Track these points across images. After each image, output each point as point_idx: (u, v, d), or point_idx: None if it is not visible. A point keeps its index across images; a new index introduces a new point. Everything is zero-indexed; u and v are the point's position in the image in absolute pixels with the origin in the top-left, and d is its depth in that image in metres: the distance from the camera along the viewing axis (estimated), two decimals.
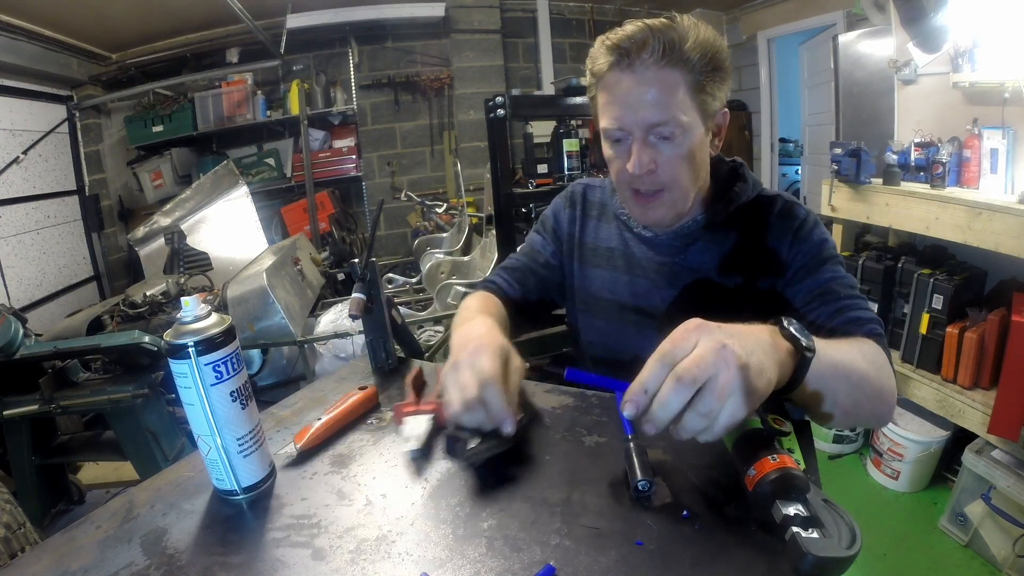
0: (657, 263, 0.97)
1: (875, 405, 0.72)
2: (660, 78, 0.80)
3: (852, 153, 2.44)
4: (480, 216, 3.93)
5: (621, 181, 0.89)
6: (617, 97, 0.83)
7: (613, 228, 1.03)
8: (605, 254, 1.03)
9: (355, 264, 0.89)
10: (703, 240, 0.94)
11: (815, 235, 0.88)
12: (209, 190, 3.71)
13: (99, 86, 4.23)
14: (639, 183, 0.86)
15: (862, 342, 0.75)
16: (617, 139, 0.86)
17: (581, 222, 1.07)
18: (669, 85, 0.80)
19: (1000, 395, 1.85)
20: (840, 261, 0.88)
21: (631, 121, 0.82)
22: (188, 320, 0.58)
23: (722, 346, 0.51)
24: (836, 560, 0.43)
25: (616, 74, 0.82)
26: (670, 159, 0.83)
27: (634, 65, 0.80)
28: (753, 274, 0.91)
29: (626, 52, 0.80)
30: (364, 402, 0.79)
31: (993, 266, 2.17)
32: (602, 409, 0.76)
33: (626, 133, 0.84)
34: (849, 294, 0.84)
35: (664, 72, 0.80)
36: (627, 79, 0.81)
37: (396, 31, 4.67)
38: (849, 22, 3.76)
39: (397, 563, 0.51)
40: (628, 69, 0.81)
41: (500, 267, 1.11)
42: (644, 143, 0.82)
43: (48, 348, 2.01)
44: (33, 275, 3.46)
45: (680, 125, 0.80)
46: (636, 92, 0.81)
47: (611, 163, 0.90)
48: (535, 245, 1.10)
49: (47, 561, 0.54)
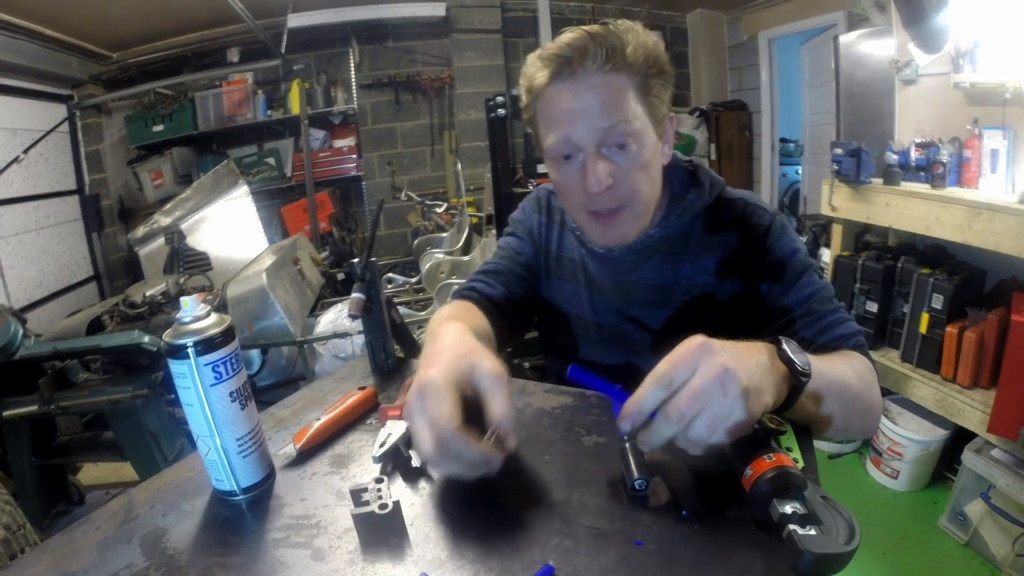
0: (612, 281, 0.92)
1: (864, 420, 0.73)
2: (606, 83, 0.75)
3: (852, 153, 2.44)
4: (480, 216, 3.94)
5: (575, 205, 0.83)
6: (562, 110, 0.77)
7: (573, 240, 0.98)
8: (568, 265, 0.98)
9: (355, 264, 0.89)
10: (659, 254, 0.89)
11: (785, 246, 0.84)
12: (209, 190, 3.71)
13: (99, 85, 4.23)
14: (597, 203, 0.80)
15: (852, 357, 0.75)
16: (567, 156, 0.79)
17: (547, 229, 1.01)
18: (616, 90, 0.75)
19: (999, 394, 1.85)
20: (814, 269, 0.85)
21: (582, 133, 0.76)
22: (187, 320, 0.58)
23: (723, 370, 0.51)
24: (834, 556, 0.43)
25: (557, 86, 0.77)
26: (627, 171, 0.78)
27: (577, 74, 0.75)
28: (716, 288, 0.87)
29: (567, 61, 0.75)
30: (364, 402, 0.79)
31: (993, 266, 2.18)
32: (601, 409, 0.76)
33: (577, 148, 0.78)
34: (830, 308, 0.81)
35: (609, 77, 0.75)
36: (570, 89, 0.76)
37: (397, 31, 4.66)
38: (850, 22, 3.75)
39: (397, 563, 0.51)
40: (571, 79, 0.76)
41: (478, 271, 1.02)
42: (598, 156, 0.77)
43: (48, 348, 2.01)
44: (33, 275, 3.46)
45: (632, 132, 0.76)
46: (582, 100, 0.76)
47: (561, 188, 0.84)
48: (513, 247, 1.02)
49: (47, 562, 0.54)
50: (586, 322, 0.96)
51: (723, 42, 5.26)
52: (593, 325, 0.96)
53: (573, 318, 0.98)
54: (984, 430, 1.90)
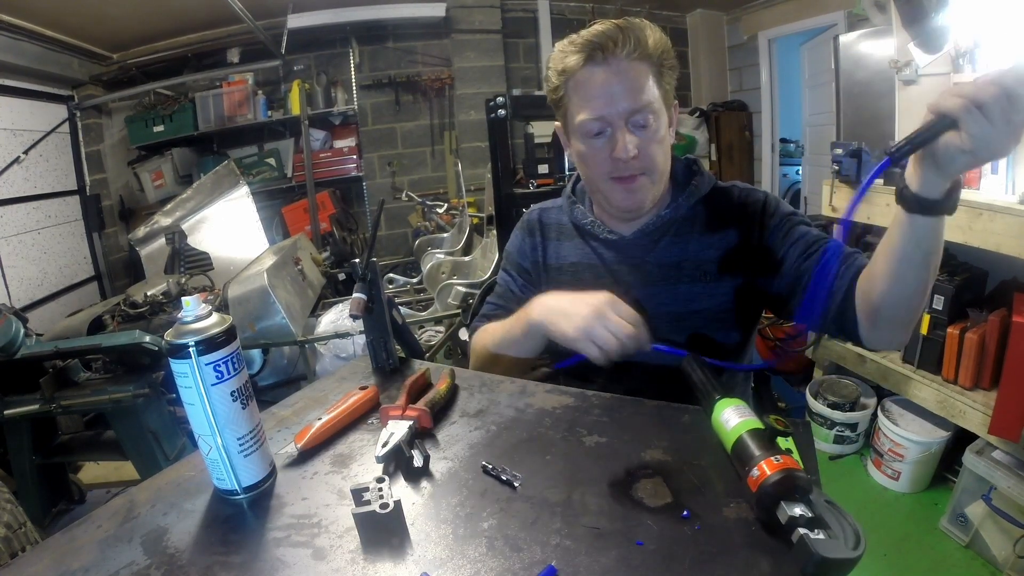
0: (629, 265, 0.99)
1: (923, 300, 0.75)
2: (633, 68, 0.86)
3: (853, 153, 2.44)
4: (481, 216, 3.94)
5: (601, 173, 0.92)
6: (594, 90, 0.87)
7: (576, 243, 1.04)
8: (570, 270, 1.04)
9: (356, 264, 0.89)
10: (670, 235, 0.97)
11: (780, 210, 0.94)
12: (210, 190, 3.71)
13: (100, 86, 4.23)
14: (622, 169, 0.89)
15: None
16: (597, 132, 0.89)
17: (543, 247, 1.08)
18: (641, 74, 0.86)
19: (1001, 396, 1.85)
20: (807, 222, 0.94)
21: (612, 111, 0.86)
22: (189, 320, 0.58)
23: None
24: (844, 561, 0.44)
25: (590, 69, 0.87)
26: (648, 143, 0.88)
27: (608, 59, 0.85)
28: (728, 262, 0.94)
29: (600, 47, 0.85)
30: (365, 402, 0.79)
31: (994, 267, 2.17)
32: (602, 409, 0.76)
33: (606, 124, 0.88)
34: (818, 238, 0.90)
35: (635, 64, 0.86)
36: (601, 73, 0.86)
37: (397, 31, 4.67)
38: (850, 22, 3.75)
39: (397, 563, 0.51)
40: (604, 63, 0.86)
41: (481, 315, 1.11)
42: (626, 130, 0.87)
43: (49, 348, 2.01)
44: (34, 275, 3.46)
45: (653, 111, 0.87)
46: (614, 83, 0.86)
47: (588, 159, 0.92)
48: (507, 286, 1.11)
49: (48, 560, 0.54)
50: None
51: (723, 42, 5.25)
52: None
53: None
54: (985, 431, 1.90)
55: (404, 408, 0.73)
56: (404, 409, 0.72)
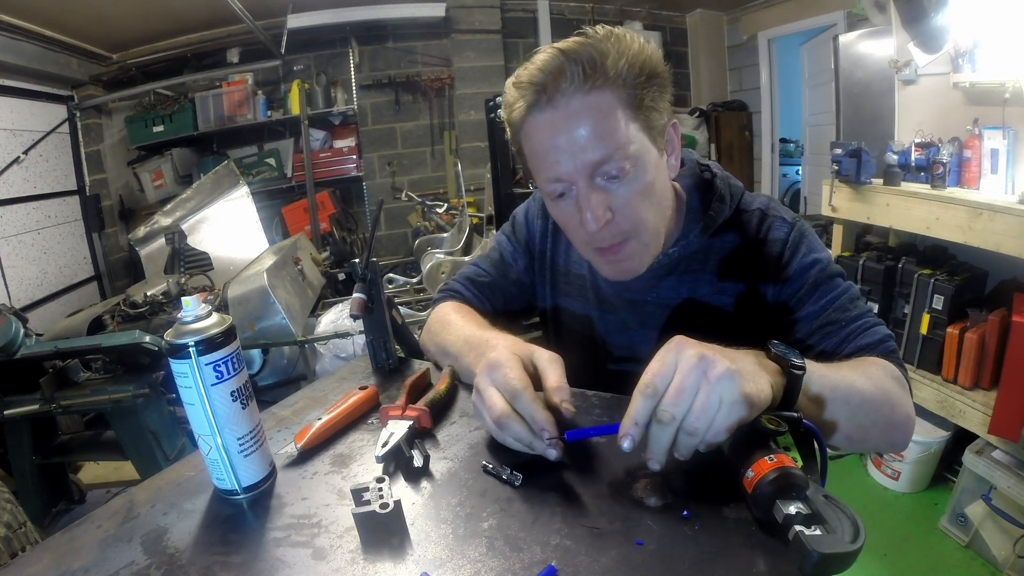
0: (627, 301, 0.86)
1: (886, 432, 0.67)
2: (589, 106, 0.66)
3: (853, 153, 2.44)
4: (481, 216, 3.94)
5: (580, 242, 0.77)
6: (544, 144, 0.69)
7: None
8: (576, 281, 0.92)
9: (356, 264, 0.89)
10: (676, 273, 0.83)
11: (803, 259, 0.77)
12: (210, 190, 3.71)
13: (100, 86, 4.24)
14: (599, 239, 0.72)
15: (870, 364, 0.69)
16: (560, 194, 0.72)
17: (553, 239, 0.94)
18: (602, 111, 0.66)
19: (1000, 395, 1.85)
20: (836, 274, 0.79)
21: (569, 168, 0.68)
22: (189, 320, 0.58)
23: (700, 358, 0.51)
24: (842, 555, 0.43)
25: (536, 117, 0.69)
26: (627, 200, 0.70)
27: (554, 100, 0.66)
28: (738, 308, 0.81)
29: (542, 88, 0.67)
30: (365, 402, 0.79)
31: (994, 266, 2.17)
32: (602, 409, 0.76)
33: (567, 184, 0.70)
34: (852, 316, 0.75)
35: (592, 98, 0.66)
36: (550, 120, 0.68)
37: (397, 31, 4.67)
38: (850, 22, 3.76)
39: (397, 563, 0.51)
40: (549, 107, 0.67)
41: (464, 277, 0.97)
42: (592, 189, 0.69)
43: (49, 348, 2.01)
44: (34, 275, 3.46)
45: (628, 156, 0.67)
46: (565, 131, 0.67)
47: (563, 226, 0.78)
48: (505, 256, 0.97)
49: (47, 560, 0.54)
50: (596, 343, 0.91)
51: (723, 42, 5.26)
52: (603, 347, 0.91)
53: (582, 338, 0.92)
54: (985, 431, 1.90)
55: (404, 408, 0.72)
56: (404, 409, 0.72)
